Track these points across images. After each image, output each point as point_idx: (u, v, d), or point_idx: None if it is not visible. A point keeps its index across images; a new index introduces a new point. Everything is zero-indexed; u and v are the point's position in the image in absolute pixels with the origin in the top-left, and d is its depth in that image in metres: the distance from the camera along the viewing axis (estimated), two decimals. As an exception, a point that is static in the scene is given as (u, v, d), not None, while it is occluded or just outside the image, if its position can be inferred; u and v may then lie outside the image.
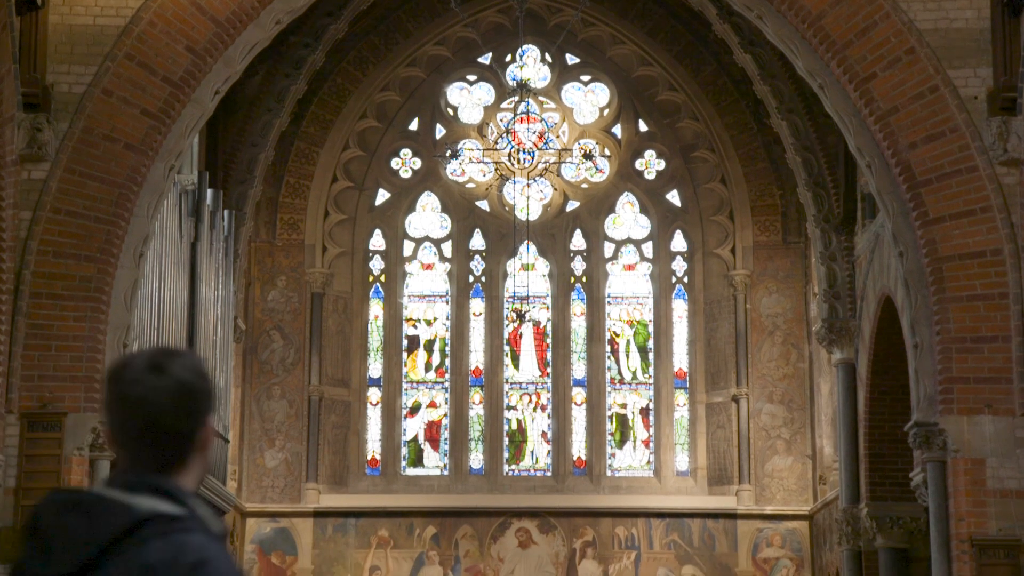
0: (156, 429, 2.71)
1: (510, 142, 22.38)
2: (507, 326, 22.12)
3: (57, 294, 12.50)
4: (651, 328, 22.06)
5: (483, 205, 22.40)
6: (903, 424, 13.73)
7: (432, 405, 21.96)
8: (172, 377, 2.70)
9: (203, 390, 2.73)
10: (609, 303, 22.19)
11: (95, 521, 2.60)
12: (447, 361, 22.00)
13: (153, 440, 2.71)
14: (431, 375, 22.04)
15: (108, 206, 12.66)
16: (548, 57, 22.48)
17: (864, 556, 16.69)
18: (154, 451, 2.72)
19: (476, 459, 21.73)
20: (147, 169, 12.88)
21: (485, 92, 22.62)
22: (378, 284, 22.12)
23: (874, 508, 16.01)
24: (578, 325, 22.12)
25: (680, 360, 21.89)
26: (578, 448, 21.76)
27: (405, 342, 22.06)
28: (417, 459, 21.80)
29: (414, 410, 21.93)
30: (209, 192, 16.74)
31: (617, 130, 22.48)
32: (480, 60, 22.50)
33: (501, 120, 22.56)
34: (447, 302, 22.20)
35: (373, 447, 21.68)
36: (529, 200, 21.94)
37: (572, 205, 22.42)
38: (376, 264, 22.17)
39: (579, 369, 22.00)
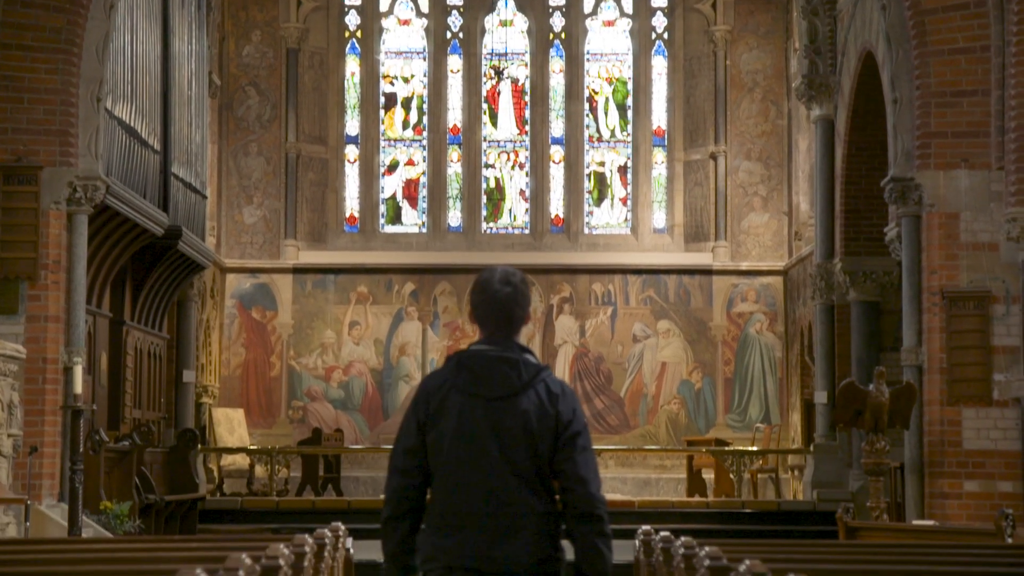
0: (509, 316, 4.75)
1: None
2: (485, 83, 21.94)
3: (27, 45, 12.29)
4: (630, 85, 21.91)
5: (460, -41, 21.95)
6: (880, 180, 13.80)
7: (410, 163, 21.93)
8: (515, 287, 4.76)
9: (528, 294, 4.80)
10: (588, 60, 21.98)
11: (520, 368, 4.69)
12: (424, 119, 21.88)
13: (507, 322, 4.74)
14: (409, 133, 21.96)
15: (76, -46, 12.35)
16: None
17: (836, 309, 16.95)
18: (507, 328, 4.75)
19: (454, 217, 21.82)
20: (115, -84, 12.53)
21: None
22: (354, 40, 21.83)
23: (848, 262, 16.19)
24: (557, 82, 21.95)
25: (659, 117, 21.82)
26: (556, 206, 21.85)
27: (382, 99, 21.90)
28: (395, 216, 21.89)
29: (392, 168, 21.91)
30: (179, -57, 16.34)
31: None
32: None
33: None
34: (424, 59, 21.96)
35: (351, 204, 21.73)
36: (507, -46, 21.51)
37: (551, -41, 21.99)
38: (352, 19, 21.83)
39: (557, 127, 21.92)
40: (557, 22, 21.92)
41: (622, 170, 21.87)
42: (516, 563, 4.61)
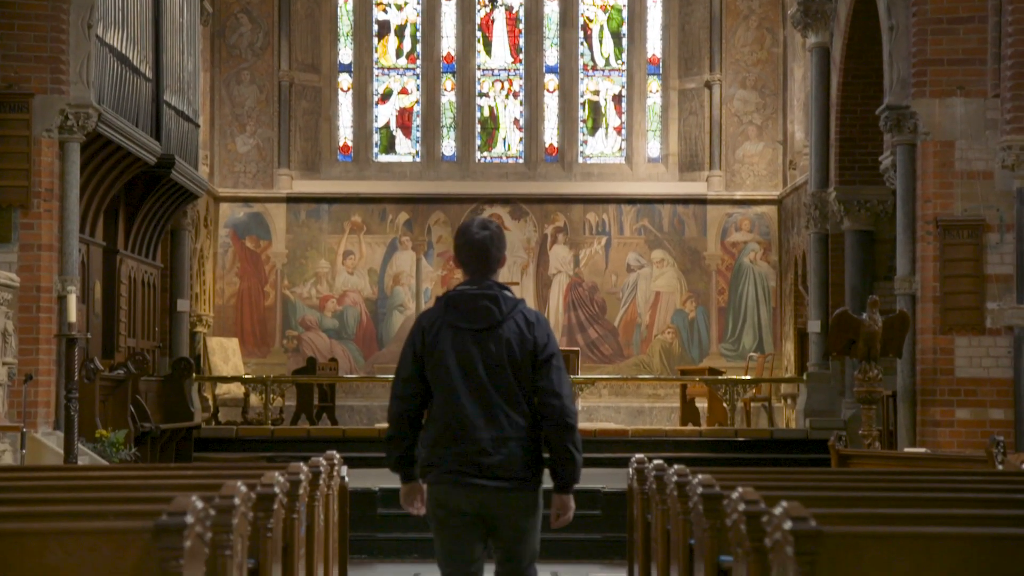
0: (486, 256, 5.48)
1: None
2: (479, 11, 21.78)
3: (16, -30, 12.18)
4: (625, 13, 21.75)
5: None
6: (875, 108, 13.75)
7: (404, 91, 21.82)
8: (492, 231, 5.50)
9: (503, 238, 5.54)
10: (583, -13, 21.81)
11: (499, 303, 5.43)
12: (418, 47, 21.74)
13: (486, 263, 5.48)
14: (402, 61, 21.82)
15: None
16: None
17: (830, 239, 16.95)
18: (485, 268, 5.48)
19: (448, 146, 21.75)
20: None
21: None
22: (347, -34, 21.63)
23: (842, 192, 16.16)
24: (551, 10, 21.79)
25: (654, 46, 21.69)
26: (550, 135, 21.77)
27: (375, 27, 21.75)
28: (389, 146, 21.81)
29: (385, 96, 21.80)
30: None
31: None
32: None
33: None
34: (418, -15, 21.78)
35: (345, 133, 21.64)
36: None
37: None
38: (344, -54, 21.63)
39: (552, 55, 21.79)
40: (551, -51, 21.73)
41: (616, 99, 21.77)
42: (502, 470, 5.36)
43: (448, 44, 21.72)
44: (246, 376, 18.48)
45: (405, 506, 5.60)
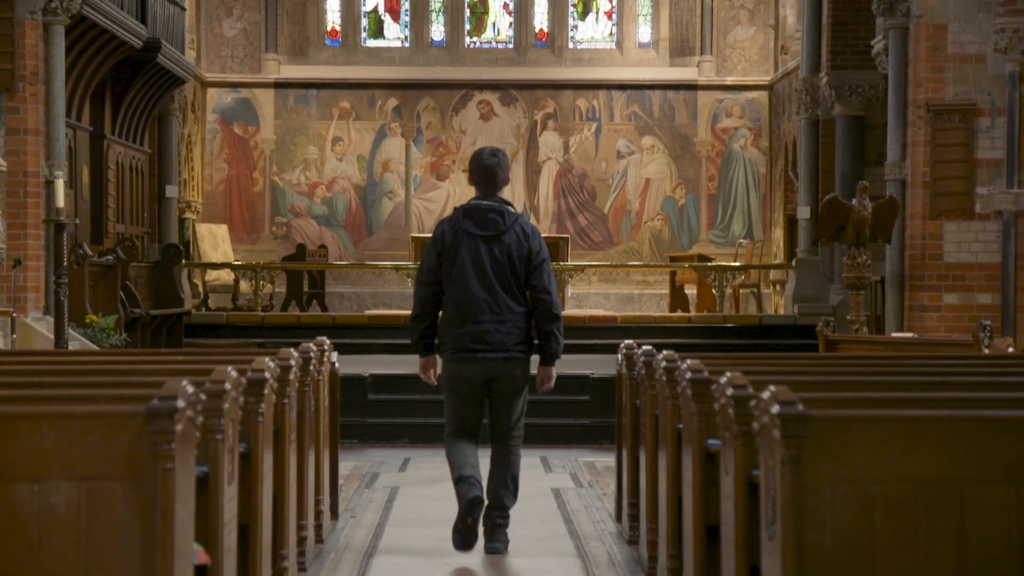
0: (494, 178, 6.92)
1: None
2: None
3: None
4: None
5: None
6: (868, -9, 13.62)
7: (391, -26, 21.56)
8: (500, 158, 6.93)
9: (508, 162, 7.00)
10: None
11: (504, 216, 6.86)
12: (406, -72, 21.44)
13: (493, 183, 6.92)
14: (390, -57, 21.53)
15: None
16: None
17: (821, 124, 16.89)
18: (493, 187, 6.92)
19: (437, 31, 21.53)
20: None
21: None
22: None
23: (834, 77, 16.06)
24: None
25: (645, -72, 21.41)
26: (540, 20, 21.55)
27: (363, -92, 21.40)
28: (377, 30, 21.58)
29: (373, -21, 21.53)
30: None
31: None
32: None
33: None
34: None
35: (333, 17, 21.40)
36: None
37: None
38: None
39: (542, -63, 21.51)
40: None
41: (607, -18, 21.52)
42: (502, 343, 6.85)
43: (437, -74, 21.41)
44: (236, 263, 18.48)
45: (421, 375, 7.07)
